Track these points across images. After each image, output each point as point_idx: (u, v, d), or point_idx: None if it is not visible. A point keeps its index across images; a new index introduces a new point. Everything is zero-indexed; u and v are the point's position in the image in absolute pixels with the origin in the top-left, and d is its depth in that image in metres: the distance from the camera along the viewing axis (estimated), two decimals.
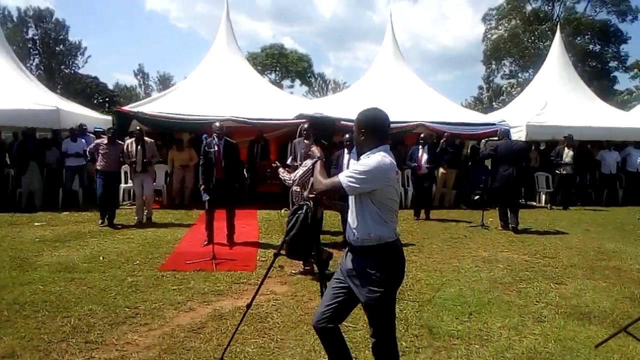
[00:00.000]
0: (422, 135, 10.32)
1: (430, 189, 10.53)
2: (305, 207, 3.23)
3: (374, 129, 2.78)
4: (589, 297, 5.17)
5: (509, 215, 8.91)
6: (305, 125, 7.56)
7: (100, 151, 8.48)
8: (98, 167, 8.59)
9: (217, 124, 7.36)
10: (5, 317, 4.25)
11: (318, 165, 2.93)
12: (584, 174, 12.94)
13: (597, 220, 10.33)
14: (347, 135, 7.56)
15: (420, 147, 10.06)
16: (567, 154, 11.87)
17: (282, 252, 3.48)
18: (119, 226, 8.51)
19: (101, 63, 79.67)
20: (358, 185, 2.60)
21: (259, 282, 5.36)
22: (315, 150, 3.18)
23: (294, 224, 3.26)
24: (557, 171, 12.08)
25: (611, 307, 4.86)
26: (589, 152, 13.19)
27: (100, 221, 8.53)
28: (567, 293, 5.30)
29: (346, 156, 7.33)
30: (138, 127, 9.79)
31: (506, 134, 9.80)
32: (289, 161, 7.62)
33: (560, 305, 4.87)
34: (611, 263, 6.65)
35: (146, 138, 8.82)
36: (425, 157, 9.95)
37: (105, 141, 8.58)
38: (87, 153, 8.97)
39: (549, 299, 5.08)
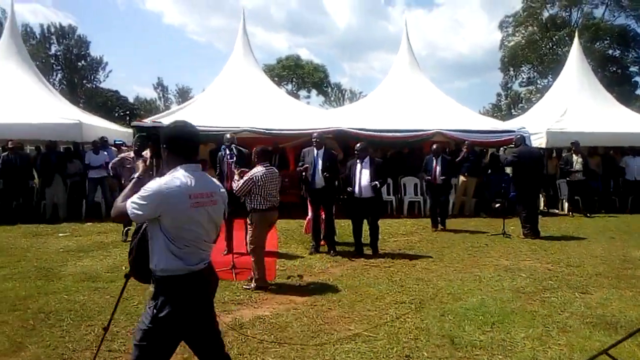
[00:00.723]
0: (434, 146, 9.94)
1: (446, 199, 10.27)
2: (144, 226, 2.59)
3: (175, 146, 2.51)
4: (615, 306, 5.05)
5: (532, 221, 8.94)
6: (316, 134, 7.63)
7: (126, 165, 7.80)
8: (124, 184, 7.97)
9: (227, 135, 7.45)
10: (31, 325, 4.33)
11: (130, 184, 2.61)
12: (608, 180, 12.71)
13: (622, 227, 10.11)
14: (358, 145, 7.58)
15: (434, 157, 9.71)
16: (577, 161, 11.73)
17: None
18: None
19: (121, 77, 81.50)
20: (140, 212, 2.33)
21: (278, 291, 5.42)
22: (139, 165, 2.89)
23: (133, 244, 2.69)
24: (568, 178, 11.94)
25: (638, 316, 4.75)
26: (613, 158, 12.95)
27: (123, 238, 8.12)
28: (592, 302, 5.18)
29: (358, 165, 7.35)
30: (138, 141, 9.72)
31: (523, 140, 9.73)
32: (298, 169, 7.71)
33: (585, 315, 4.76)
34: (637, 272, 6.49)
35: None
36: (439, 168, 9.61)
37: (132, 155, 7.90)
38: (110, 169, 8.28)
39: (574, 309, 4.97)
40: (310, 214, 7.71)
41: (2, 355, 3.74)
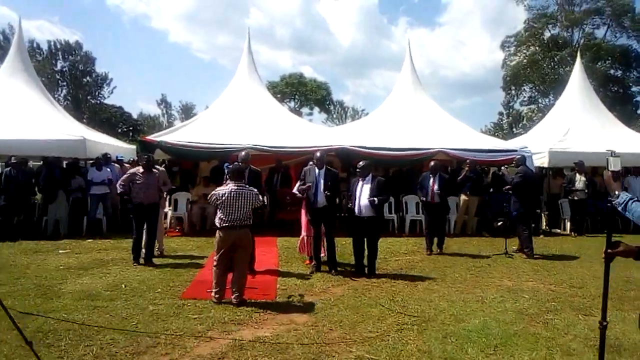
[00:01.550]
0: (432, 163, 9.50)
1: (444, 220, 9.64)
2: None
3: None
4: (619, 329, 4.99)
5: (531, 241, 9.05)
6: (318, 154, 7.65)
7: (137, 181, 7.57)
8: (134, 201, 7.68)
9: (243, 153, 7.46)
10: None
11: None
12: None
13: None
14: (361, 163, 7.58)
15: (431, 175, 9.21)
16: (580, 180, 11.77)
17: None
18: (158, 264, 7.72)
19: (125, 93, 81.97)
20: None
21: (279, 312, 5.38)
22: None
23: None
24: (569, 197, 11.95)
25: None
26: None
27: (135, 263, 7.66)
28: (595, 325, 5.07)
29: (360, 183, 7.35)
30: (145, 155, 9.62)
31: (524, 160, 9.74)
32: (295, 188, 7.71)
33: (589, 338, 4.70)
34: None
35: (157, 167, 8.21)
36: (436, 186, 9.09)
37: (141, 170, 7.69)
38: (119, 186, 7.81)
39: (577, 331, 4.92)
40: (303, 232, 7.71)
41: None
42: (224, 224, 5.70)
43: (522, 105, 42.39)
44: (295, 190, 7.68)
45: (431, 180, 9.15)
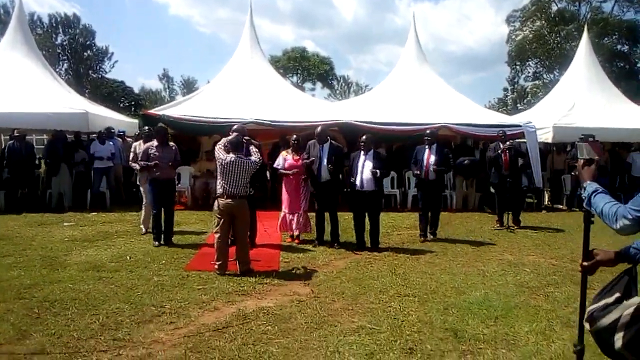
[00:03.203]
0: (427, 131, 8.36)
1: (439, 200, 8.35)
2: None
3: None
4: None
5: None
6: (318, 129, 7.61)
7: (151, 156, 7.23)
8: (150, 176, 7.33)
9: (235, 126, 7.37)
10: (36, 314, 4.36)
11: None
12: (614, 176, 12.64)
13: None
14: (364, 137, 7.52)
15: (427, 146, 8.01)
16: None
17: None
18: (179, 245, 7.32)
19: (127, 67, 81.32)
20: None
21: (282, 283, 5.44)
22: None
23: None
24: (572, 173, 11.90)
25: None
26: (619, 154, 12.86)
27: (156, 242, 7.21)
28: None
29: (362, 157, 7.30)
30: (147, 129, 9.36)
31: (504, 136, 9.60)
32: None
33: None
34: None
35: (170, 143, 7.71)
36: (432, 158, 7.89)
37: (156, 143, 7.34)
38: (137, 162, 7.53)
39: (578, 304, 4.94)
40: (284, 209, 7.60)
41: (7, 343, 3.76)
42: (222, 193, 5.78)
43: (526, 81, 41.95)
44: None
45: (426, 152, 7.98)
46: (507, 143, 9.20)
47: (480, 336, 4.06)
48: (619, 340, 2.08)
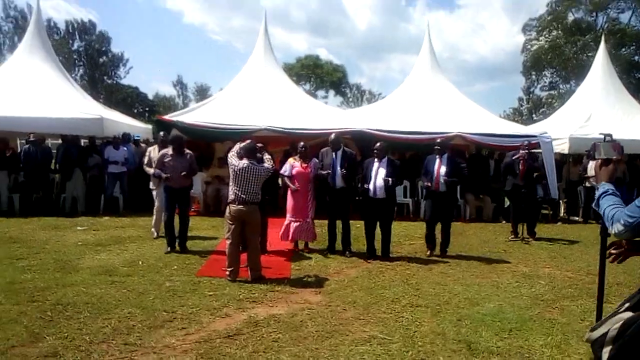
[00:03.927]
0: (437, 140, 8.08)
1: (450, 214, 7.77)
2: None
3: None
4: None
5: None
6: (332, 137, 7.60)
7: (166, 161, 7.16)
8: (164, 184, 7.28)
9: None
10: (49, 317, 4.38)
11: None
12: (632, 188, 12.43)
13: None
14: (378, 145, 7.48)
15: (437, 156, 7.64)
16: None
17: None
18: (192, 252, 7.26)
19: (141, 73, 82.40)
20: None
21: (293, 291, 5.42)
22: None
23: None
24: (584, 184, 11.76)
25: None
26: (637, 166, 12.65)
27: (168, 248, 7.18)
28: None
29: (375, 164, 7.26)
30: (162, 134, 9.10)
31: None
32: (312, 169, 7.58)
33: None
34: None
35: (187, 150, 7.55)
36: (443, 169, 7.47)
37: (171, 151, 7.23)
38: (155, 172, 7.41)
39: (594, 318, 4.83)
40: (289, 216, 7.46)
41: (20, 345, 3.78)
42: (234, 199, 5.78)
43: (542, 91, 41.65)
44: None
45: (437, 163, 7.57)
46: (523, 151, 9.05)
47: (494, 349, 3.99)
48: (605, 354, 2.06)
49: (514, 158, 9.11)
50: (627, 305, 2.22)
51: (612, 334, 2.08)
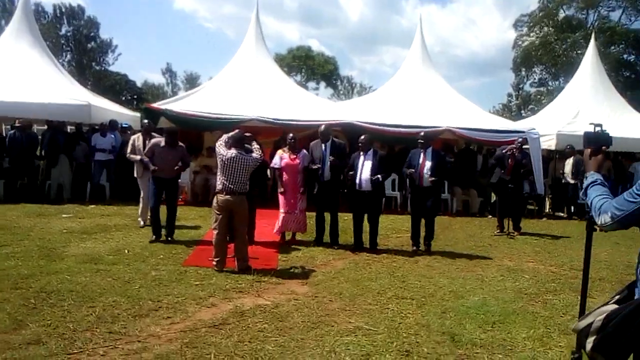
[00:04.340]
0: (421, 133, 7.71)
1: (434, 209, 7.47)
2: None
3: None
4: None
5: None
6: (322, 128, 7.59)
7: (155, 152, 7.14)
8: (153, 174, 7.18)
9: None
10: (32, 304, 4.34)
11: None
12: (617, 186, 12.60)
13: (627, 233, 9.90)
14: (362, 137, 7.47)
15: (422, 150, 7.42)
16: (567, 163, 11.73)
17: None
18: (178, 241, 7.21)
19: (130, 60, 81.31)
20: None
21: (280, 281, 5.43)
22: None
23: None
24: (567, 180, 11.95)
25: None
26: (622, 163, 12.83)
27: (153, 237, 7.12)
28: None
29: (361, 157, 7.26)
30: (146, 122, 9.23)
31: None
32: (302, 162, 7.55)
33: None
34: None
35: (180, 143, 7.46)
36: (428, 163, 7.27)
37: (163, 143, 7.15)
38: (142, 161, 7.45)
39: (576, 312, 4.87)
40: (282, 209, 7.41)
41: (2, 332, 3.74)
42: (222, 189, 5.76)
43: (531, 87, 41.93)
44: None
45: (421, 157, 7.35)
46: (514, 145, 9.13)
47: (477, 341, 4.04)
48: (589, 343, 2.12)
49: (504, 152, 9.18)
50: (616, 298, 2.27)
51: (597, 325, 2.13)
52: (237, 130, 6.08)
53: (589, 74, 15.28)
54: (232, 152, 5.78)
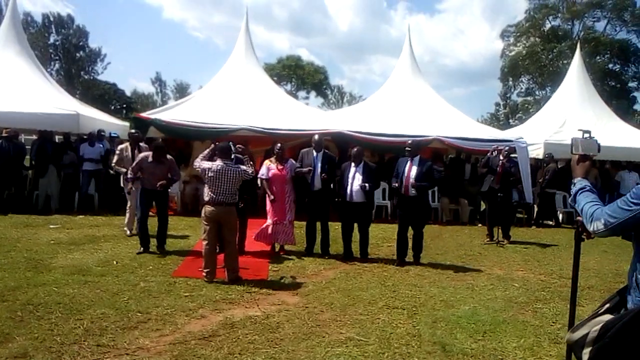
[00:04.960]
0: (409, 141, 7.55)
1: (421, 220, 7.27)
2: None
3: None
4: None
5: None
6: (316, 137, 7.60)
7: (145, 167, 6.99)
8: (143, 186, 7.08)
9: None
10: (19, 317, 4.27)
11: None
12: (603, 194, 12.75)
13: (615, 241, 10.01)
14: (354, 150, 7.50)
15: (409, 159, 7.19)
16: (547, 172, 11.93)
17: None
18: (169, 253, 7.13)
19: (119, 69, 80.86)
20: None
21: (270, 292, 5.40)
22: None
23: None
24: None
25: None
26: (608, 172, 12.98)
27: (141, 249, 7.02)
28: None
29: (352, 169, 7.26)
30: (135, 132, 8.95)
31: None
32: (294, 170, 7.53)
33: None
34: None
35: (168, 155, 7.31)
36: (414, 170, 7.00)
37: (150, 158, 6.99)
38: (129, 173, 7.22)
39: (566, 321, 4.90)
40: (269, 219, 7.32)
41: None
42: (207, 199, 5.74)
43: (519, 97, 42.39)
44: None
45: (407, 165, 7.09)
46: (502, 156, 9.23)
47: (468, 350, 4.04)
48: (586, 355, 2.11)
49: (490, 154, 9.35)
50: (607, 306, 2.26)
51: (593, 336, 2.12)
52: (223, 142, 6.07)
53: (575, 84, 15.51)
54: (218, 163, 5.75)
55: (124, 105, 47.99)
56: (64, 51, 46.60)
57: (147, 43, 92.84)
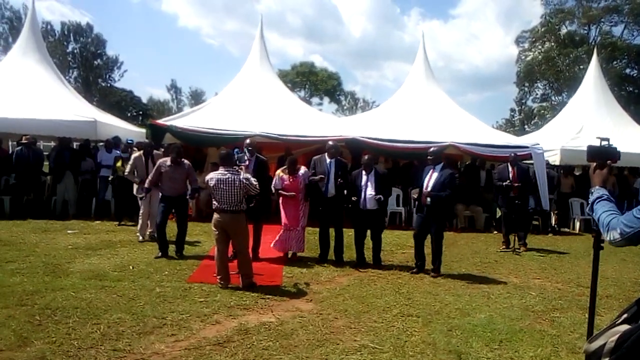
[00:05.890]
0: (431, 149, 7.34)
1: (439, 227, 6.99)
2: None
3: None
4: None
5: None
6: (331, 144, 7.60)
7: (163, 173, 7.14)
8: (162, 192, 7.32)
9: (248, 140, 7.43)
10: (37, 321, 4.33)
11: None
12: (622, 201, 12.55)
13: (634, 250, 9.91)
14: (366, 157, 7.49)
15: (432, 167, 7.07)
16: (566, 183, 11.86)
17: None
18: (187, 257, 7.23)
19: (135, 76, 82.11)
20: None
21: (284, 298, 5.40)
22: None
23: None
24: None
25: None
26: (627, 179, 12.78)
27: (159, 253, 7.13)
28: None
29: (364, 177, 7.25)
30: (149, 142, 9.33)
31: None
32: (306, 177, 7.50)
33: None
34: None
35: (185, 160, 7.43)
36: (434, 178, 6.89)
37: (168, 162, 7.15)
38: (147, 183, 7.44)
39: (584, 330, 4.85)
40: (282, 228, 7.40)
41: (7, 349, 3.74)
42: (215, 208, 5.84)
43: (534, 102, 41.99)
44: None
45: (429, 173, 7.03)
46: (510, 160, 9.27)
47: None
48: None
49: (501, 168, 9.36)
50: (624, 316, 2.22)
51: (610, 346, 2.09)
52: (227, 150, 6.18)
53: (591, 89, 15.32)
54: (219, 172, 5.80)
55: (140, 112, 48.67)
56: (82, 59, 47.40)
57: (163, 50, 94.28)
